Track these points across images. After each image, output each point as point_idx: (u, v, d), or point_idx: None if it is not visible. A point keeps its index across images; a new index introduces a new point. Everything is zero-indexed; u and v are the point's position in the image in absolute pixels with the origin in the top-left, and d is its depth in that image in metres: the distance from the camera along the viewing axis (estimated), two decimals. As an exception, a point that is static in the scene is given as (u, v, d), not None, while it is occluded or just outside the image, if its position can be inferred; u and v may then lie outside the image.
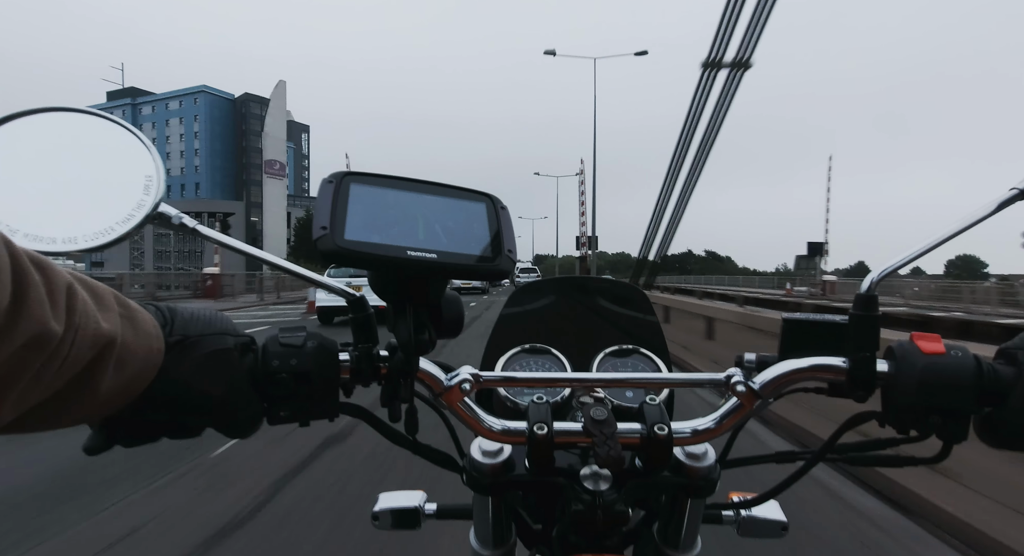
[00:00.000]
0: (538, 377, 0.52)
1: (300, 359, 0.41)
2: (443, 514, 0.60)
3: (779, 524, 0.58)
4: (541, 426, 0.45)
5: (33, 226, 0.34)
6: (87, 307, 0.29)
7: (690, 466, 0.48)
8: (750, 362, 0.49)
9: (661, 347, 0.65)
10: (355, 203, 0.39)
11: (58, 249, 0.34)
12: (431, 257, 0.38)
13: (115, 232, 0.36)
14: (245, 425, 0.40)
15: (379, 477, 2.72)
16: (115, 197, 0.37)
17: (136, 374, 0.34)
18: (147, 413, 0.37)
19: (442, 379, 0.46)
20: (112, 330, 0.31)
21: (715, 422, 0.47)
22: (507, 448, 0.49)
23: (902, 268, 0.47)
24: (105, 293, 0.32)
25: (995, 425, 0.43)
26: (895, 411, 0.44)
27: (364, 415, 0.47)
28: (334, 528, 2.23)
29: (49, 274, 0.27)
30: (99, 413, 0.34)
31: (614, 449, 0.42)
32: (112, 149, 0.39)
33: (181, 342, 0.37)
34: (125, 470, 2.79)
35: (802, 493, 2.39)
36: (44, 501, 2.50)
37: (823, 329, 0.48)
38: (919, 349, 0.44)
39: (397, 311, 0.42)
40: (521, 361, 0.63)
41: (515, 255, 0.42)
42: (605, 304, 0.69)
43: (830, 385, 0.47)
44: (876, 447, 0.50)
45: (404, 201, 0.41)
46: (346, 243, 0.37)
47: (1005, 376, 0.42)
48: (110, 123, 0.40)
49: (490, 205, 0.44)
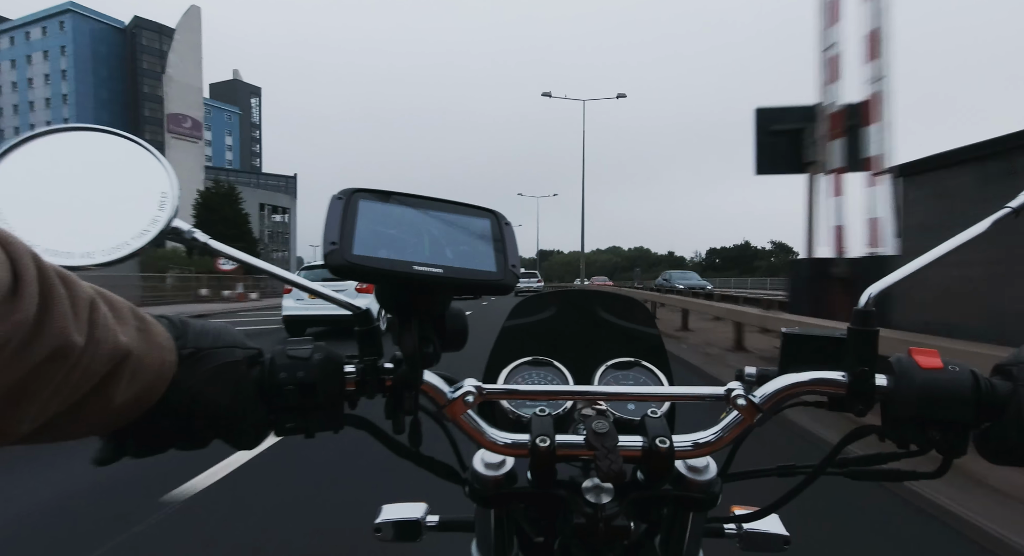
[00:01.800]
0: (541, 390, 0.52)
1: (307, 371, 0.41)
2: (445, 526, 0.60)
3: (781, 538, 0.58)
4: (544, 439, 0.45)
5: (52, 241, 0.35)
6: (107, 321, 0.30)
7: (691, 479, 0.48)
8: (751, 376, 0.49)
9: (662, 360, 0.65)
10: (363, 219, 0.40)
11: (75, 263, 0.35)
12: (437, 272, 0.39)
13: (130, 247, 0.37)
14: (251, 436, 0.41)
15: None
16: (130, 213, 0.38)
17: (149, 386, 0.35)
18: (157, 424, 0.37)
19: (446, 392, 0.47)
20: (129, 343, 0.31)
21: (716, 435, 0.47)
22: (509, 460, 0.49)
23: (899, 283, 0.47)
24: (122, 306, 0.33)
25: (993, 439, 0.43)
26: (895, 425, 0.45)
27: (369, 427, 0.47)
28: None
29: (73, 288, 0.28)
30: (112, 424, 0.35)
31: (616, 462, 0.42)
32: (128, 166, 0.40)
33: (193, 354, 0.38)
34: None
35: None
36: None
37: (823, 343, 0.49)
38: (917, 364, 0.44)
39: (402, 324, 0.43)
40: (523, 373, 0.63)
41: (519, 270, 0.43)
42: (606, 317, 0.69)
43: (830, 399, 0.48)
44: (877, 461, 0.50)
45: (410, 217, 0.42)
46: (354, 258, 0.37)
47: (1002, 391, 0.43)
48: (127, 141, 0.41)
49: (494, 221, 0.45)
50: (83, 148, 0.39)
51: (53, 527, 2.35)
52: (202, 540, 2.24)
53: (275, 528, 2.33)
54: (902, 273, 0.47)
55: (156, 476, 2.82)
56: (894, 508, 2.63)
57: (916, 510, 2.60)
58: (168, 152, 25.95)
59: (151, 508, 2.49)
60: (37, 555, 2.14)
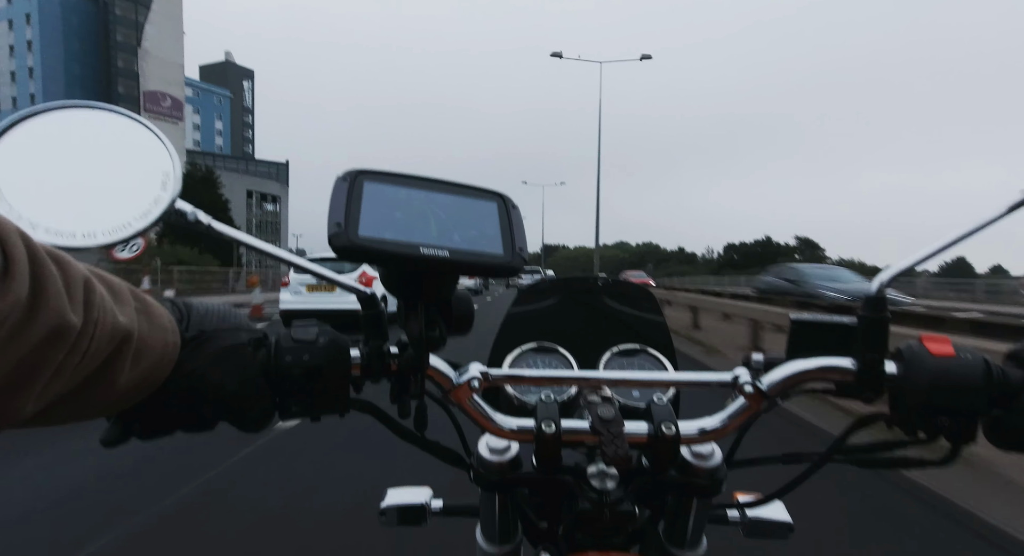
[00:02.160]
0: (546, 375, 0.52)
1: (312, 354, 0.41)
2: (449, 511, 0.61)
3: (785, 525, 0.58)
4: (549, 424, 0.45)
5: (53, 221, 0.35)
6: (104, 301, 0.30)
7: (696, 466, 0.48)
8: (757, 362, 0.49)
9: (668, 346, 0.65)
10: (368, 200, 0.39)
11: (77, 244, 0.35)
12: (443, 254, 0.38)
13: (132, 228, 0.37)
14: (257, 419, 0.41)
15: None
16: (133, 193, 0.38)
17: (153, 368, 0.34)
18: (163, 406, 0.37)
19: (451, 376, 0.46)
20: (129, 324, 0.31)
21: (722, 422, 0.47)
22: (514, 446, 0.49)
23: (911, 269, 0.47)
24: (121, 287, 0.33)
25: (1004, 427, 0.43)
26: (903, 413, 0.44)
27: (374, 411, 0.47)
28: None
29: (66, 268, 0.28)
30: (117, 406, 0.35)
31: (621, 448, 0.42)
32: (130, 145, 0.39)
33: (197, 337, 0.38)
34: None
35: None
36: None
37: (831, 329, 0.48)
38: (928, 351, 0.44)
39: (408, 308, 0.42)
40: (528, 359, 0.63)
41: (526, 254, 0.42)
42: (612, 303, 0.69)
43: (838, 386, 0.47)
44: (884, 449, 0.50)
45: (416, 199, 0.41)
46: (360, 240, 0.37)
47: (1015, 378, 0.42)
48: (129, 119, 0.40)
49: (501, 204, 0.44)
50: (83, 127, 0.39)
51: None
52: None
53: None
54: (915, 258, 0.46)
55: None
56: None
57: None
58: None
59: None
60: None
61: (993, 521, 2.35)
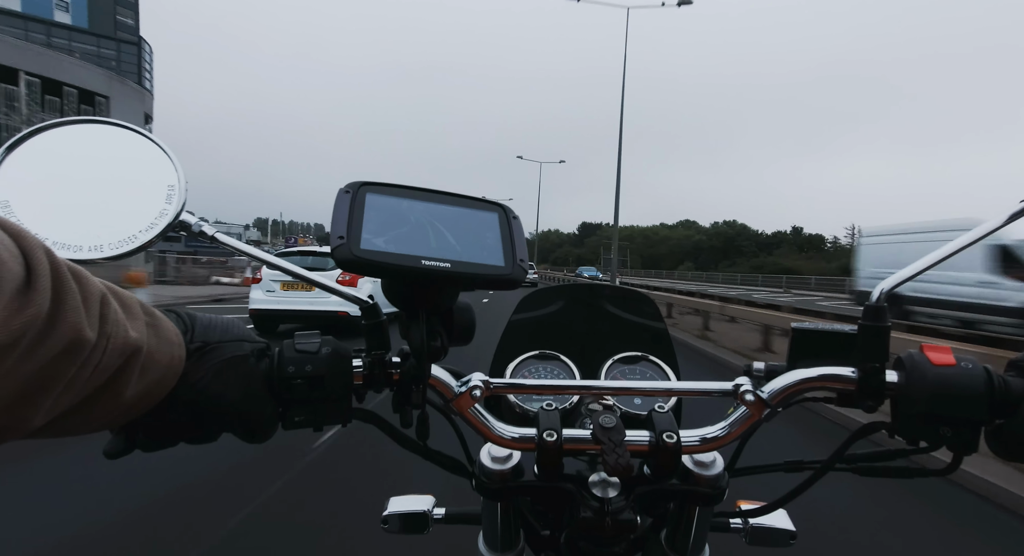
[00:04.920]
0: (548, 384, 0.52)
1: (315, 365, 0.42)
2: (452, 519, 0.61)
3: (788, 533, 0.58)
4: (551, 433, 0.45)
5: (61, 234, 0.35)
6: (118, 316, 0.30)
7: (698, 474, 0.48)
8: (759, 371, 0.49)
9: (669, 354, 0.65)
10: (371, 213, 0.40)
11: (84, 257, 0.35)
12: (445, 266, 0.39)
13: (139, 240, 0.38)
14: (260, 430, 0.41)
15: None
16: (139, 206, 0.38)
17: (159, 380, 0.35)
18: (167, 417, 0.38)
19: (453, 386, 0.47)
20: (139, 339, 0.32)
21: (723, 430, 0.47)
22: (516, 454, 0.49)
23: (912, 279, 0.47)
24: (132, 302, 0.33)
25: (1005, 436, 0.43)
26: (905, 422, 0.44)
27: (376, 421, 0.48)
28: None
29: (84, 283, 0.28)
30: (122, 419, 0.35)
31: (623, 457, 0.42)
32: (136, 159, 0.40)
33: (201, 348, 0.38)
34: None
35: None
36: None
37: (832, 338, 0.48)
38: (929, 360, 0.44)
39: (410, 318, 0.43)
40: (530, 367, 0.63)
41: (527, 265, 0.43)
42: (613, 310, 0.69)
43: (839, 395, 0.47)
44: (886, 457, 0.49)
45: (418, 211, 0.42)
46: (362, 253, 0.37)
47: (1016, 388, 0.42)
48: (135, 134, 0.41)
49: (502, 215, 0.44)
50: (90, 141, 0.39)
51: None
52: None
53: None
54: (916, 268, 0.46)
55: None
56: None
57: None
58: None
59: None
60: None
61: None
